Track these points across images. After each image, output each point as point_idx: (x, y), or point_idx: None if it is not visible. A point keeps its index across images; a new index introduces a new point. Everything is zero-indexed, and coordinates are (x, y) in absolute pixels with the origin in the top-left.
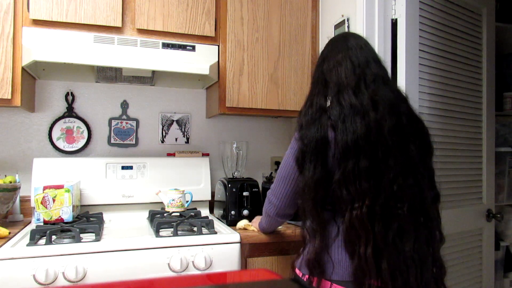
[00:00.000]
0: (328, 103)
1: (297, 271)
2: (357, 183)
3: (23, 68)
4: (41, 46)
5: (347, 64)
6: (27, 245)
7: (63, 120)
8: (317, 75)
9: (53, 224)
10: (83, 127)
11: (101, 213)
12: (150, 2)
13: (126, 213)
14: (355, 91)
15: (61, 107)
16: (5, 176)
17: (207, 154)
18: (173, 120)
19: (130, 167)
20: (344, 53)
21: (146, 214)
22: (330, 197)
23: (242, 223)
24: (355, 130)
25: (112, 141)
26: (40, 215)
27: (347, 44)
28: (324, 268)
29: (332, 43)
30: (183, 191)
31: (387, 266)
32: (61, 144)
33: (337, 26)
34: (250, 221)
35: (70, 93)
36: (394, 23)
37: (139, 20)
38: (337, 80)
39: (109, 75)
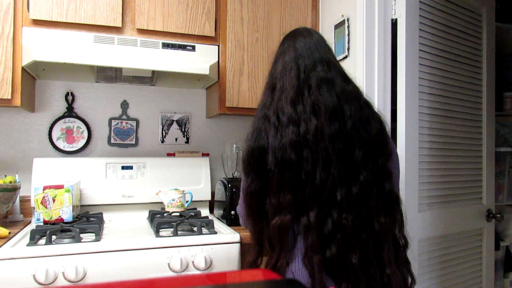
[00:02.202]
0: (270, 111)
1: None
2: (280, 195)
3: (23, 68)
4: (41, 46)
5: (293, 68)
6: (27, 245)
7: (63, 120)
8: (268, 78)
9: (53, 224)
10: (83, 127)
11: (101, 213)
12: (150, 2)
13: (126, 213)
14: (295, 99)
15: (61, 107)
16: (5, 176)
17: (207, 154)
18: (173, 120)
19: (130, 167)
20: (291, 55)
21: (146, 214)
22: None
23: None
24: (285, 141)
25: (112, 141)
26: (40, 215)
27: (295, 45)
28: None
29: (282, 42)
30: (183, 191)
31: (330, 277)
32: (61, 144)
33: (337, 26)
34: None
35: (70, 93)
36: (394, 23)
37: (139, 20)
38: (280, 86)
39: (109, 75)
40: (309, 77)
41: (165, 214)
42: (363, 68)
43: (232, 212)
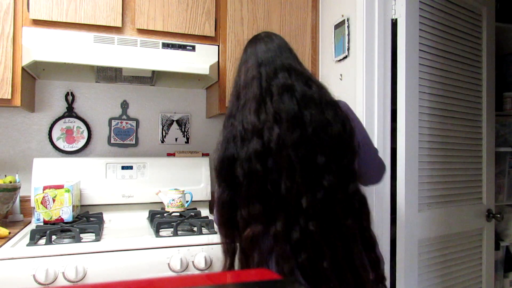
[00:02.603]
0: (236, 121)
1: None
2: (249, 206)
3: (23, 68)
4: (41, 46)
5: (255, 77)
6: (27, 245)
7: (63, 120)
8: (233, 87)
9: (53, 224)
10: (83, 127)
11: (101, 213)
12: (150, 2)
13: (126, 213)
14: (258, 108)
15: (61, 107)
16: (5, 176)
17: (207, 154)
18: (173, 120)
19: (130, 167)
20: (253, 63)
21: (146, 214)
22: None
23: None
24: (251, 152)
25: (112, 141)
26: (40, 215)
27: (256, 52)
28: None
29: (245, 49)
30: (183, 191)
31: (306, 283)
32: (61, 144)
33: (337, 26)
34: None
35: (70, 93)
36: (394, 23)
37: (139, 20)
38: (244, 95)
39: (109, 75)
40: (271, 85)
41: (165, 214)
42: (363, 68)
43: None
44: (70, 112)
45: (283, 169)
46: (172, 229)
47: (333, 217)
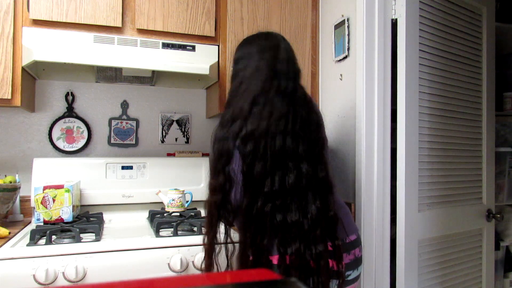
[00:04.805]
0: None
1: None
2: (214, 178)
3: (23, 68)
4: (41, 46)
5: (263, 74)
6: (27, 245)
7: (63, 120)
8: (237, 75)
9: (53, 224)
10: (83, 127)
11: (101, 213)
12: (150, 2)
13: (126, 213)
14: (254, 100)
15: (61, 107)
16: (5, 176)
17: (207, 154)
18: (173, 120)
19: (130, 167)
20: (267, 62)
21: (146, 214)
22: None
23: None
24: (229, 133)
25: (112, 141)
26: (40, 215)
27: (275, 53)
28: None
29: (259, 41)
30: (183, 191)
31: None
32: (61, 144)
33: (337, 26)
34: None
35: (70, 93)
36: (394, 23)
37: (139, 20)
38: (246, 87)
39: (109, 75)
40: (277, 84)
41: (165, 214)
42: (363, 68)
43: None
44: (70, 112)
45: (259, 153)
46: (172, 229)
47: (302, 199)
